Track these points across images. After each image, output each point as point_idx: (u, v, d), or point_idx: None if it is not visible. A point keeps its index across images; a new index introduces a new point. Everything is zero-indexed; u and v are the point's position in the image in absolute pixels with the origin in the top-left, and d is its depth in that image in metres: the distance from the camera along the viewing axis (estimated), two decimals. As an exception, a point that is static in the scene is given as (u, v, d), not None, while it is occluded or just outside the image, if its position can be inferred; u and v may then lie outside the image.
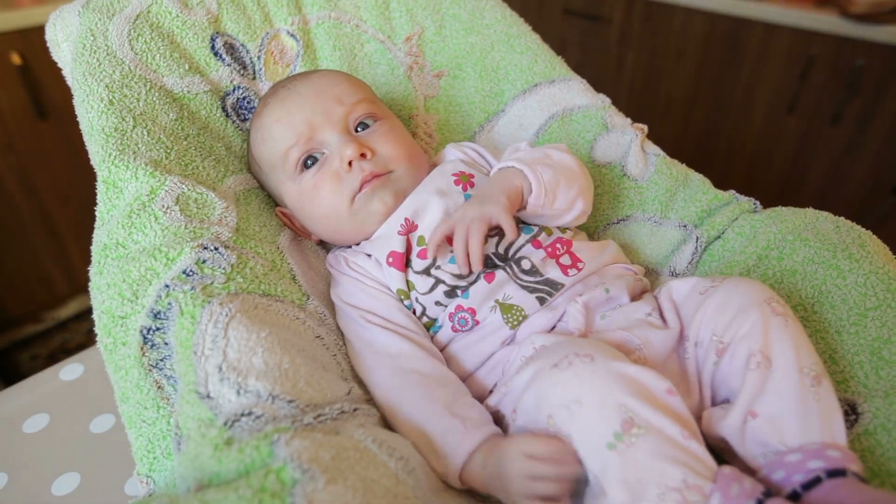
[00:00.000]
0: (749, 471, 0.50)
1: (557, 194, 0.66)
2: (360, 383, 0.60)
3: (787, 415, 0.49)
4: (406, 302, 0.66)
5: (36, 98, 1.71)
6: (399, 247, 0.66)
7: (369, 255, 0.68)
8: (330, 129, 0.69)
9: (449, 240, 0.63)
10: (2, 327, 1.97)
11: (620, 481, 0.44)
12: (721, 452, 0.54)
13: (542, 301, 0.63)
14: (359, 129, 0.71)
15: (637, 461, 0.44)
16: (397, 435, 0.51)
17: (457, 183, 0.70)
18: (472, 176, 0.71)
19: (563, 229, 0.70)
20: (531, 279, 0.64)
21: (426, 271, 0.65)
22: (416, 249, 0.66)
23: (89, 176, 0.64)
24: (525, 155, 0.69)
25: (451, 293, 0.64)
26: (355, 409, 0.51)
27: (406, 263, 0.66)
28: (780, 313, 0.54)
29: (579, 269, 0.65)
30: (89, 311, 0.57)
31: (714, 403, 0.57)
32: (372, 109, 0.72)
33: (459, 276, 0.64)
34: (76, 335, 2.04)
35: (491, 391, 0.62)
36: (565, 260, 0.66)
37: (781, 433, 0.49)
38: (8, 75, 1.64)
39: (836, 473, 0.45)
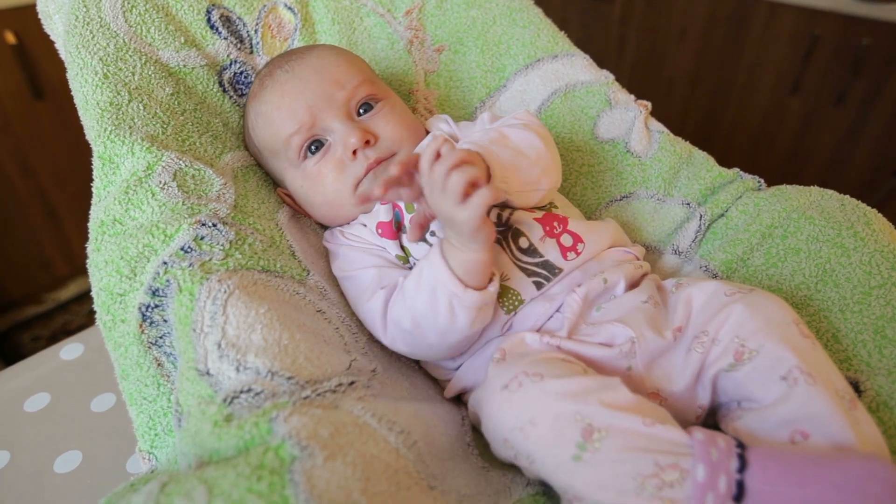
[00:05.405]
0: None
1: (519, 175, 0.63)
2: (364, 354, 0.59)
3: (843, 439, 0.47)
4: (406, 266, 0.66)
5: (32, 78, 1.69)
6: (385, 216, 0.66)
7: (365, 225, 0.69)
8: (332, 114, 0.68)
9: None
10: (2, 309, 1.97)
11: (597, 486, 0.45)
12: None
13: (538, 286, 0.62)
14: (361, 110, 0.70)
15: (607, 463, 0.45)
16: (398, 408, 0.51)
17: None
18: None
19: (552, 205, 0.68)
20: (529, 260, 0.62)
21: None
22: (407, 216, 0.65)
23: (87, 157, 0.63)
24: (480, 137, 0.65)
25: None
26: (352, 382, 0.50)
27: (399, 229, 0.66)
28: (807, 336, 0.53)
29: (578, 253, 0.64)
30: (90, 292, 0.57)
31: (712, 402, 0.55)
32: (372, 90, 0.71)
33: None
34: (77, 316, 2.04)
35: None
36: (566, 240, 0.64)
37: None
38: (3, 55, 1.62)
39: None
